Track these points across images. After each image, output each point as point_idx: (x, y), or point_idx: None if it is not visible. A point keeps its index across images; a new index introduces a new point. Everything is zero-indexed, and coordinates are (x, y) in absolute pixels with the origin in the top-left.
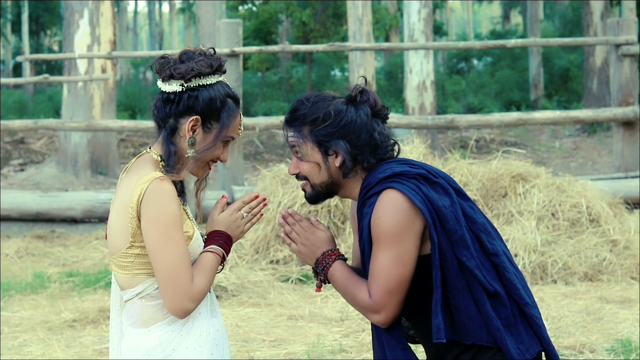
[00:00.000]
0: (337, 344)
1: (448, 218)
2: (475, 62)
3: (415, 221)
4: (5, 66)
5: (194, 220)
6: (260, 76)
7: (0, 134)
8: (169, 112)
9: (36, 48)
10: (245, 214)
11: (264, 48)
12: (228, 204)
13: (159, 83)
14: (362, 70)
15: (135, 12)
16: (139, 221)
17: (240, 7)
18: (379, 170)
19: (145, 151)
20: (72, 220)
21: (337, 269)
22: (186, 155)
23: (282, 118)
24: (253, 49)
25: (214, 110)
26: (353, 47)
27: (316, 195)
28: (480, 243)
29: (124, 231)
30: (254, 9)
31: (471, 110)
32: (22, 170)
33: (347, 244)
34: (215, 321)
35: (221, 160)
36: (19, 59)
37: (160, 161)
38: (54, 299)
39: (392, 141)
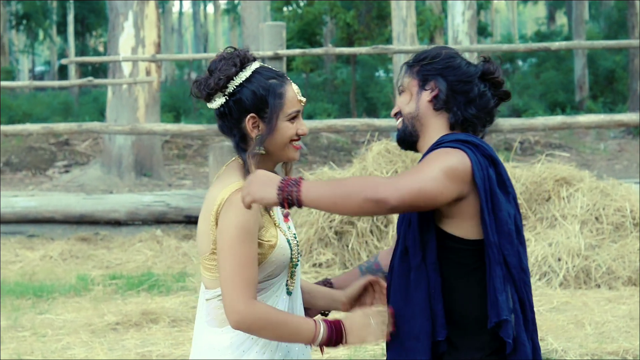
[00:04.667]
0: (379, 349)
1: (502, 207)
2: (520, 63)
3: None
4: (51, 67)
5: (281, 225)
6: (304, 77)
7: (45, 136)
8: (229, 125)
9: (82, 49)
10: (374, 323)
11: (307, 51)
12: None
13: (208, 105)
14: None
15: (180, 13)
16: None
17: (285, 9)
18: (460, 135)
19: (234, 158)
20: (116, 223)
21: (310, 182)
22: (261, 153)
23: (326, 122)
24: (296, 51)
25: (261, 99)
26: (396, 50)
27: (403, 131)
28: (518, 254)
29: (208, 236)
30: (299, 10)
31: (515, 111)
32: (66, 171)
33: (390, 247)
34: None
35: (300, 135)
36: (63, 61)
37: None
38: (97, 302)
39: (487, 118)
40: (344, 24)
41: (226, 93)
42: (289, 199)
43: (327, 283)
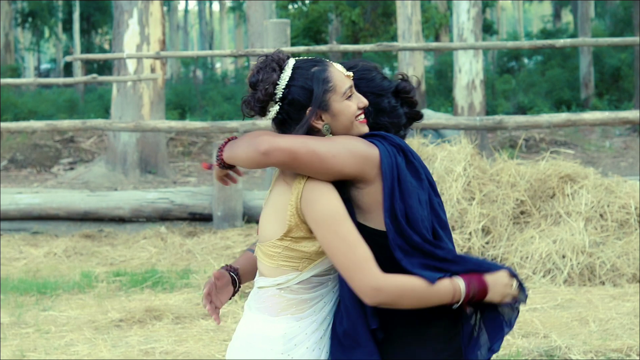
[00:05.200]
0: None
1: (412, 194)
2: (525, 60)
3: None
4: (57, 65)
5: None
6: None
7: (50, 133)
8: (290, 127)
9: (87, 47)
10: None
11: (311, 48)
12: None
13: (264, 119)
14: (411, 69)
15: (186, 11)
16: (300, 219)
17: (290, 6)
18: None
19: None
20: (120, 220)
21: (235, 140)
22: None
23: None
24: (301, 48)
25: (313, 91)
26: (401, 47)
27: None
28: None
29: (279, 224)
30: (304, 8)
31: (521, 109)
32: (71, 169)
33: None
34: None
35: (361, 108)
36: (67, 58)
37: None
38: (101, 299)
39: (399, 129)
40: (349, 22)
41: (276, 99)
42: (218, 160)
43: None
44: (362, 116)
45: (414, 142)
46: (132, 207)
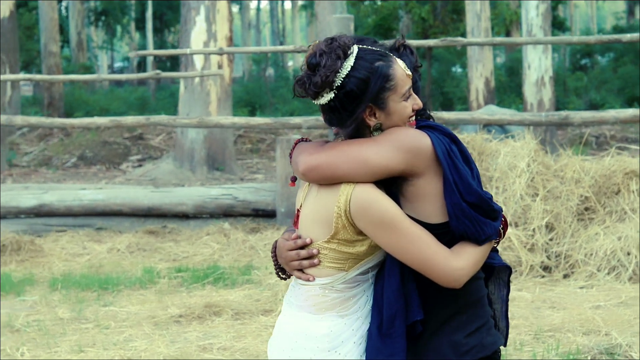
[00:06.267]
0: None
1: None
2: (598, 58)
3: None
4: (130, 63)
5: None
6: None
7: (119, 131)
8: (340, 117)
9: (160, 45)
10: None
11: None
12: None
13: (315, 102)
14: (481, 66)
15: (258, 9)
16: (348, 222)
17: (366, 3)
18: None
19: None
20: (184, 216)
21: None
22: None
23: None
24: None
25: (372, 87)
26: (465, 42)
27: None
28: None
29: (323, 227)
30: (374, 5)
31: (593, 106)
32: (140, 166)
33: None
34: None
35: (415, 110)
36: (130, 54)
37: None
38: (162, 294)
39: (425, 102)
40: (418, 19)
41: (334, 87)
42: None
43: None
44: (413, 117)
45: (477, 137)
46: (195, 203)
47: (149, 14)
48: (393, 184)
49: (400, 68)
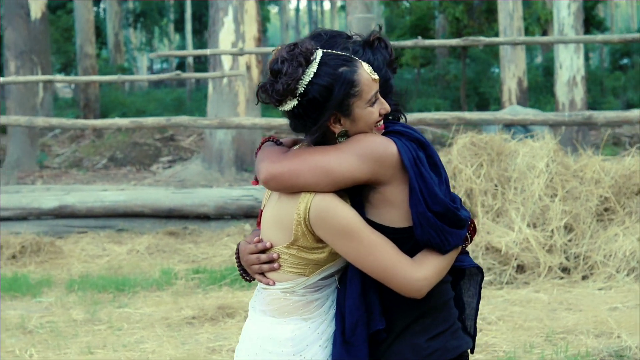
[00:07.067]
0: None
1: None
2: (638, 58)
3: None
4: (169, 65)
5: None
6: (416, 73)
7: (150, 132)
8: (304, 124)
9: (199, 46)
10: None
11: (395, 43)
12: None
13: (279, 109)
14: (513, 66)
15: (297, 10)
16: (307, 230)
17: (403, 4)
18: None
19: None
20: (205, 217)
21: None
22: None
23: (416, 115)
24: None
25: (335, 93)
26: (487, 42)
27: None
28: None
29: (283, 232)
30: (407, 4)
31: (629, 106)
32: (170, 167)
33: (474, 242)
34: None
35: (383, 114)
36: (151, 55)
37: None
38: (177, 296)
39: (397, 101)
40: (453, 19)
41: (297, 95)
42: None
43: None
44: (381, 122)
45: (496, 138)
46: (216, 204)
47: (188, 15)
48: (357, 193)
49: (365, 73)
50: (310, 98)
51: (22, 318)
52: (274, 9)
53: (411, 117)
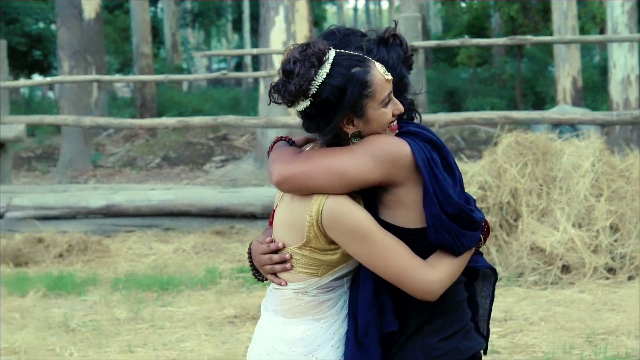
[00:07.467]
0: (489, 344)
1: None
2: None
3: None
4: (227, 64)
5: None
6: (472, 72)
7: (204, 131)
8: (317, 124)
9: (257, 46)
10: None
11: (442, 42)
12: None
13: (291, 109)
14: (568, 65)
15: (355, 9)
16: (320, 232)
17: (461, 4)
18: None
19: None
20: (252, 216)
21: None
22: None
23: (463, 114)
24: (431, 43)
25: (348, 94)
26: (534, 41)
27: None
28: None
29: (295, 233)
30: (463, 4)
31: None
32: (223, 166)
33: (519, 242)
34: None
35: (397, 115)
36: (194, 54)
37: None
38: (221, 295)
39: (413, 100)
40: (508, 18)
41: (309, 95)
42: None
43: None
44: (395, 122)
45: (542, 137)
46: (263, 203)
47: (246, 14)
48: (371, 194)
49: (379, 73)
50: (322, 99)
51: (65, 316)
52: (331, 9)
53: (458, 117)
